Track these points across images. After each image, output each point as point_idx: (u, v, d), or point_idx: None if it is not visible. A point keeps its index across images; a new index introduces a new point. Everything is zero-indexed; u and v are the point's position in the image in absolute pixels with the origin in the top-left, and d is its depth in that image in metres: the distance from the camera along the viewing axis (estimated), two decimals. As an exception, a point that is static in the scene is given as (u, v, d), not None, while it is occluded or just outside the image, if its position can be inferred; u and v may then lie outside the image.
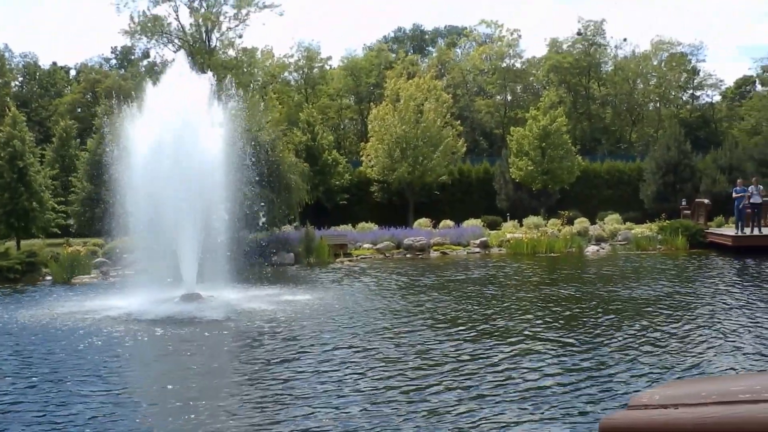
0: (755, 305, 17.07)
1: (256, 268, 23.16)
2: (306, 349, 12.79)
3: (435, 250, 31.60)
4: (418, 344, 12.90)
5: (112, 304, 17.75)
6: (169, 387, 10.61)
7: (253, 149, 23.78)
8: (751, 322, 14.69)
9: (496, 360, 11.56)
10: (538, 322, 15.00)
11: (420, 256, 30.65)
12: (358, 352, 12.48)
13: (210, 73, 22.70)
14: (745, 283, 21.68)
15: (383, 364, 11.50)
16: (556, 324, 14.77)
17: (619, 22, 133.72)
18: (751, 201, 31.53)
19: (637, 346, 12.44)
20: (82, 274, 25.10)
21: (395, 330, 14.33)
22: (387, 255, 30.92)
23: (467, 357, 11.82)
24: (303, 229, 31.07)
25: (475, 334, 13.78)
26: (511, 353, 12.03)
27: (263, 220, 24.50)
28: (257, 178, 23.34)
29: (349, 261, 29.35)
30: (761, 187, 32.97)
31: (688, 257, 29.53)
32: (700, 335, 13.49)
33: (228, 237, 19.43)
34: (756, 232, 31.43)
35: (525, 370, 10.84)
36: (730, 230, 32.89)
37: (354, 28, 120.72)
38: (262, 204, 24.94)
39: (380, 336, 13.79)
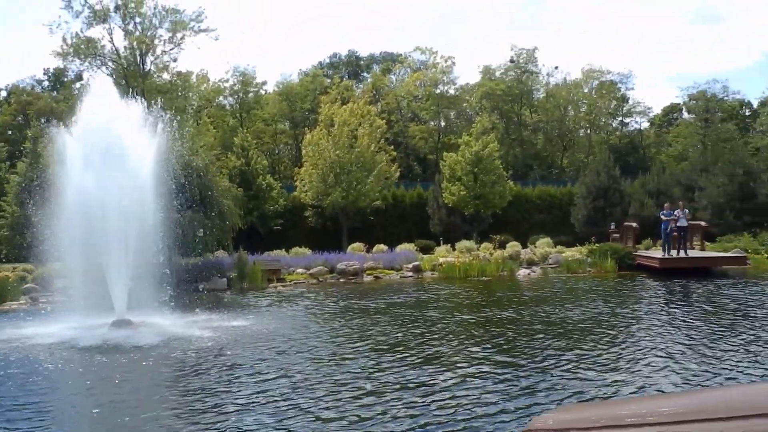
0: (682, 324, 17.53)
1: (188, 293, 22.81)
2: (240, 377, 12.61)
3: (368, 275, 31.55)
4: (356, 371, 12.83)
5: (41, 331, 17.36)
6: (94, 414, 10.44)
7: (186, 174, 23.70)
8: (679, 341, 15.11)
9: (439, 386, 11.56)
10: (472, 346, 15.15)
11: (353, 281, 30.62)
12: (294, 380, 12.26)
13: (141, 97, 22.54)
14: (671, 304, 22.20)
15: (323, 393, 11.33)
16: (491, 347, 14.94)
17: (551, 51, 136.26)
18: (678, 224, 32.44)
19: (577, 368, 12.71)
20: (11, 300, 24.58)
21: (330, 356, 14.28)
22: (320, 280, 30.82)
23: (409, 383, 11.81)
24: (236, 255, 30.87)
25: (414, 359, 13.84)
26: (451, 379, 12.04)
27: (197, 245, 24.43)
28: (190, 203, 23.24)
29: (283, 286, 29.13)
30: (687, 210, 33.98)
31: (617, 279, 30.05)
32: (632, 355, 13.83)
33: (160, 262, 19.19)
34: (682, 254, 32.23)
35: (466, 396, 10.92)
36: (657, 253, 33.59)
37: (289, 54, 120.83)
38: (202, 230, 24.89)
39: (317, 363, 13.68)
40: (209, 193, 28.43)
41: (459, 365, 13.19)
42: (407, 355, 14.26)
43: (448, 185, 43.55)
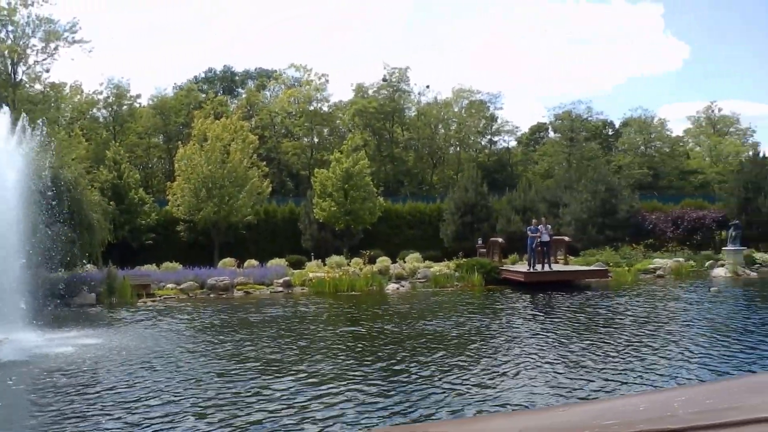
0: (546, 336, 18.23)
1: (55, 309, 22.45)
2: (105, 396, 12.29)
3: (239, 290, 31.68)
4: (224, 388, 12.77)
5: None
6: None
7: (55, 187, 23.49)
8: (544, 353, 15.77)
9: (307, 402, 11.65)
10: (338, 361, 15.42)
11: (224, 296, 30.71)
12: (160, 398, 12.04)
13: (11, 108, 22.24)
14: (535, 316, 23.00)
15: (191, 412, 11.20)
16: (358, 361, 15.21)
17: (423, 70, 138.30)
18: (541, 239, 33.66)
19: (443, 381, 13.04)
20: None
21: (198, 373, 14.16)
22: (191, 295, 30.81)
23: (276, 400, 11.83)
24: (106, 269, 30.61)
25: (281, 374, 13.93)
26: (318, 394, 12.16)
27: (65, 259, 24.17)
28: (58, 217, 23.04)
29: (152, 301, 28.99)
30: (549, 226, 35.27)
31: (484, 293, 30.76)
32: (495, 367, 14.31)
33: (25, 276, 18.99)
34: (546, 268, 33.34)
35: (320, 410, 11.10)
36: (523, 267, 34.68)
37: (164, 68, 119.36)
38: (70, 244, 24.65)
39: (184, 380, 13.57)
40: (79, 206, 28.16)
41: (322, 379, 13.36)
42: (265, 367, 14.52)
43: (319, 201, 43.80)
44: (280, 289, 32.26)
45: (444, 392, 12.18)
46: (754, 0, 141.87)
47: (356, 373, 13.88)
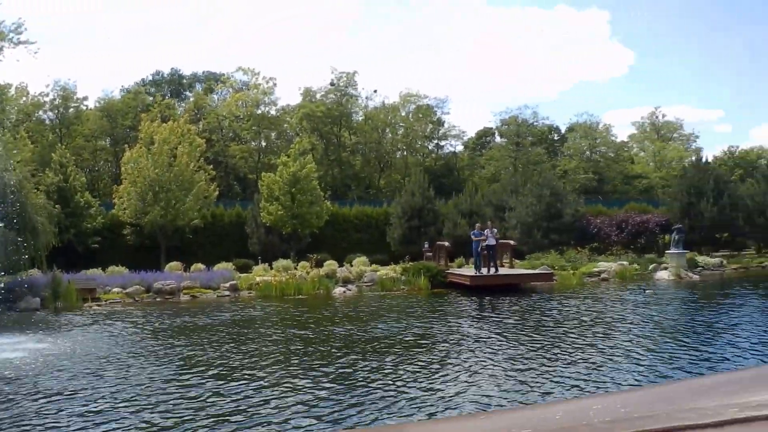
0: (491, 340, 18.30)
1: (-3, 313, 22.33)
2: (49, 403, 11.92)
3: (185, 294, 31.63)
4: (172, 393, 12.61)
5: None
6: None
7: (-4, 189, 23.25)
8: (489, 356, 15.90)
9: (257, 407, 11.50)
10: (289, 365, 15.39)
11: (170, 300, 30.65)
12: (106, 404, 11.77)
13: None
14: (480, 320, 23.09)
15: (138, 419, 10.93)
16: (307, 366, 15.13)
17: (371, 75, 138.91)
18: (487, 243, 33.96)
19: (382, 383, 13.12)
20: None
21: (144, 378, 13.93)
22: (137, 299, 30.69)
23: (226, 405, 11.68)
24: (50, 273, 30.34)
25: (227, 379, 13.80)
26: (267, 398, 12.10)
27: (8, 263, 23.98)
28: (1, 220, 22.83)
29: (98, 306, 28.81)
30: (496, 230, 35.60)
31: (430, 297, 30.89)
32: (442, 369, 14.39)
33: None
34: (492, 271, 33.50)
35: (284, 416, 10.97)
36: (469, 271, 34.87)
37: (112, 70, 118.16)
38: (15, 247, 24.44)
39: (131, 385, 13.31)
40: (23, 210, 27.93)
41: (271, 384, 13.30)
42: (213, 372, 14.48)
43: (266, 205, 43.85)
44: (227, 293, 32.29)
45: (394, 396, 12.23)
46: (698, 8, 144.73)
47: (305, 378, 13.86)
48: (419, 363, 15.13)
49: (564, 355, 15.87)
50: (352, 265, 38.56)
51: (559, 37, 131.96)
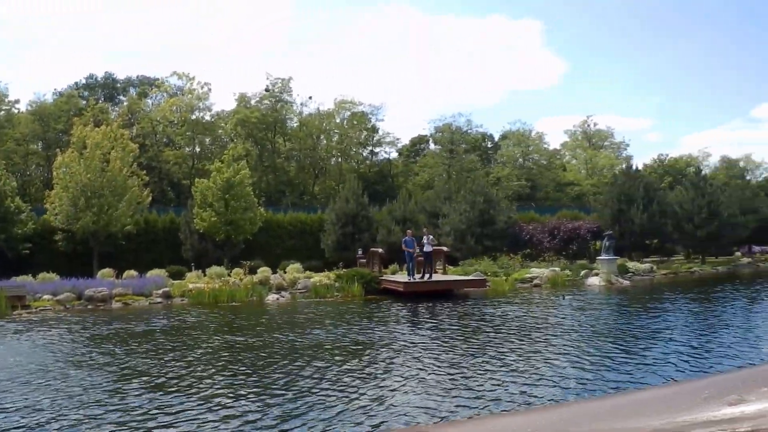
0: (424, 345, 18.61)
1: None
2: None
3: (117, 301, 31.37)
4: (104, 404, 12.48)
5: None
6: None
7: None
8: (424, 362, 16.16)
9: (192, 418, 11.47)
10: (224, 373, 15.39)
11: (102, 308, 30.34)
12: (37, 416, 11.59)
13: None
14: (413, 326, 23.35)
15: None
16: (242, 374, 15.17)
17: (306, 81, 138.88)
18: (423, 250, 34.29)
19: (317, 392, 13.16)
20: None
21: (75, 389, 13.79)
22: (68, 306, 30.37)
23: (166, 418, 11.56)
24: (-22, 280, 29.96)
25: (164, 387, 13.77)
26: (199, 407, 12.08)
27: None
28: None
29: (28, 313, 28.45)
30: (431, 236, 35.94)
31: (363, 304, 30.93)
32: (376, 377, 14.57)
33: None
34: (427, 278, 33.95)
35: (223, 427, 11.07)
36: (402, 277, 35.22)
37: (45, 73, 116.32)
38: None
39: (62, 397, 13.11)
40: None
41: (200, 393, 13.33)
42: (147, 381, 14.44)
43: (200, 211, 43.59)
44: (159, 300, 32.15)
45: (339, 404, 12.37)
46: (629, 19, 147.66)
47: (240, 387, 13.86)
48: (358, 371, 15.26)
49: (498, 360, 16.16)
50: (285, 272, 38.45)
51: (494, 45, 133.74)
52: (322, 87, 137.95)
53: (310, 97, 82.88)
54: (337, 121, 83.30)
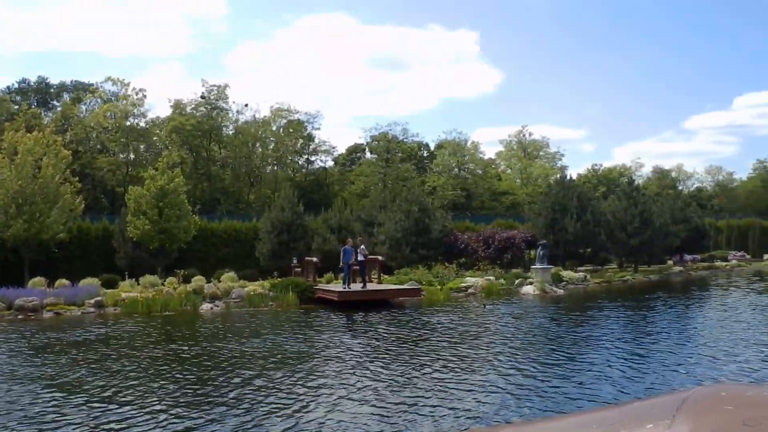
0: (357, 355, 18.91)
1: None
2: None
3: (49, 311, 30.97)
4: (33, 417, 12.40)
5: None
6: None
7: None
8: (356, 372, 16.45)
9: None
10: (155, 384, 15.39)
11: (33, 318, 29.93)
12: None
13: None
14: (346, 335, 23.65)
15: None
16: (174, 386, 15.15)
17: (242, 88, 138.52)
18: (357, 259, 34.58)
19: (255, 404, 13.32)
20: None
21: (2, 402, 13.74)
22: (-2, 316, 29.96)
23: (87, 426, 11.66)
24: None
25: (103, 400, 13.78)
26: (146, 423, 12.03)
27: None
28: None
29: (-44, 324, 28.07)
30: (363, 247, 36.19)
31: (298, 313, 30.99)
32: (310, 386, 14.78)
33: None
34: (360, 287, 34.25)
35: None
36: (337, 286, 35.30)
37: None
38: None
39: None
40: None
41: (146, 408, 13.23)
42: (91, 396, 14.36)
43: (133, 219, 42.97)
44: (92, 309, 31.82)
45: (261, 414, 12.56)
46: (564, 31, 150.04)
47: (170, 399, 13.83)
48: (289, 380, 15.44)
49: (428, 370, 16.46)
50: (220, 281, 38.31)
51: (431, 55, 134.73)
52: (259, 94, 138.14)
53: (246, 105, 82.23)
54: (273, 128, 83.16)
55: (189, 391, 14.64)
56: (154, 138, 78.61)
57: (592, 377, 15.48)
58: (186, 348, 20.76)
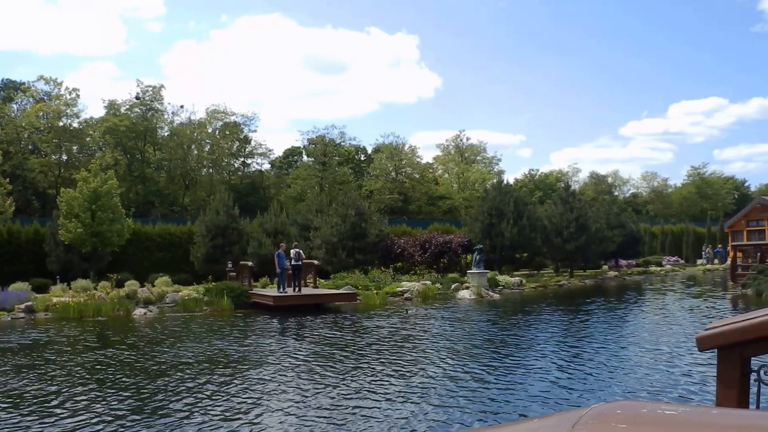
0: (291, 360, 18.70)
1: None
2: None
3: (-24, 316, 30.32)
4: None
5: None
6: None
7: None
8: (289, 377, 16.29)
9: None
10: (87, 393, 14.99)
11: (-40, 323, 29.26)
12: None
13: None
14: (280, 341, 23.34)
15: None
16: (106, 393, 14.84)
17: (178, 89, 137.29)
18: (293, 263, 34.53)
19: (189, 413, 12.98)
20: None
21: None
22: (-77, 321, 29.33)
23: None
24: None
25: (34, 411, 13.38)
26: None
27: None
28: None
29: None
30: (300, 251, 36.08)
31: (232, 318, 30.70)
32: (243, 393, 14.55)
33: None
34: (297, 291, 34.11)
35: None
36: (272, 291, 35.22)
37: None
38: None
39: None
40: None
41: (67, 414, 12.87)
42: (21, 404, 14.08)
43: (65, 222, 42.22)
44: (22, 315, 31.20)
45: (196, 421, 12.39)
46: (501, 37, 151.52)
47: (102, 408, 13.45)
48: (222, 388, 15.19)
49: (364, 375, 16.38)
50: (153, 285, 37.99)
51: (370, 58, 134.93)
52: (195, 96, 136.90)
53: (182, 106, 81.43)
54: (209, 130, 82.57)
55: (122, 398, 14.37)
56: (88, 139, 77.33)
57: (527, 382, 15.59)
58: (121, 354, 20.39)
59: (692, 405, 1.70)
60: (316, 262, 39.97)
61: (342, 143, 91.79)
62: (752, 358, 3.44)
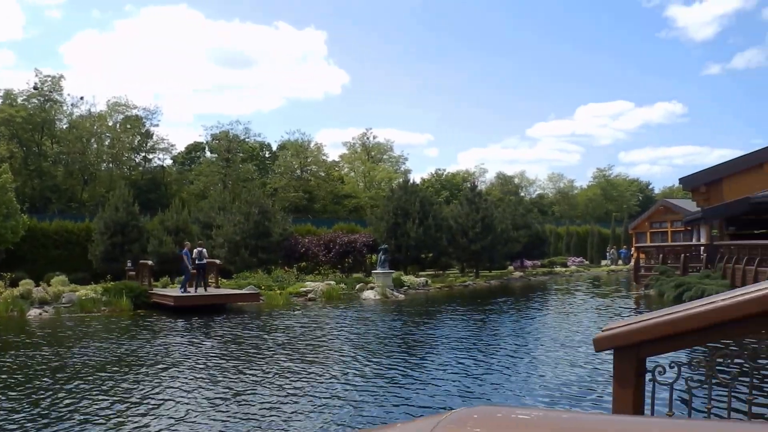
0: (192, 364, 18.14)
1: None
2: None
3: None
4: None
5: None
6: None
7: None
8: (189, 380, 15.77)
9: None
10: None
11: None
12: None
13: None
14: (181, 343, 22.62)
15: None
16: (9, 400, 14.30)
17: (78, 80, 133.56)
18: (197, 262, 33.82)
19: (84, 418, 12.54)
20: None
21: None
22: None
23: None
24: None
25: None
26: None
27: None
28: None
29: None
30: (204, 250, 35.37)
31: (131, 318, 30.05)
32: (144, 396, 14.17)
33: None
34: (200, 291, 33.61)
35: None
36: (173, 291, 34.60)
37: None
38: None
39: None
40: None
41: None
42: None
43: (-44, 218, 40.75)
44: None
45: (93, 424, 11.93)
46: (410, 35, 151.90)
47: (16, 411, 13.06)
48: (114, 392, 14.71)
49: (266, 377, 16.06)
50: (49, 285, 36.66)
51: (277, 53, 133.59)
52: (96, 87, 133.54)
53: (82, 98, 78.68)
54: (110, 124, 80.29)
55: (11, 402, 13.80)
56: (-19, 130, 74.37)
57: (426, 381, 15.54)
58: (10, 357, 19.56)
59: (546, 409, 1.65)
60: (218, 261, 39.44)
61: (247, 139, 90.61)
62: (647, 359, 3.73)
